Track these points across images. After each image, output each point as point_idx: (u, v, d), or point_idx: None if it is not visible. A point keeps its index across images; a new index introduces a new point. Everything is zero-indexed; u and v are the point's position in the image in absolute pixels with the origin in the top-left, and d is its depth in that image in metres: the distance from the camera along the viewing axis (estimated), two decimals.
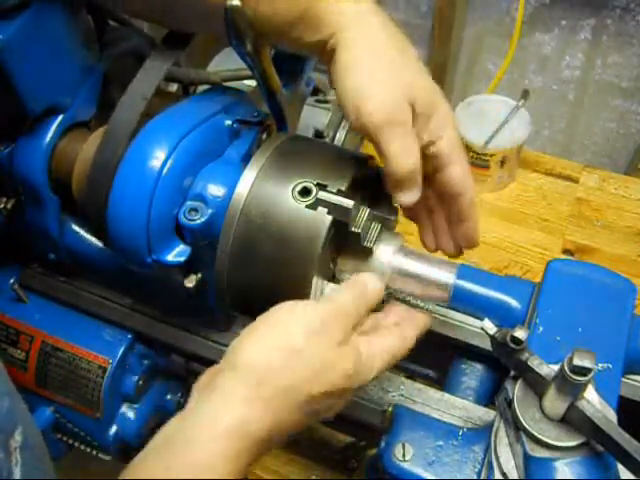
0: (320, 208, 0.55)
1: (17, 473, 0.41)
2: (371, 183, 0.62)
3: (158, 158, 0.58)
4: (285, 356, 0.46)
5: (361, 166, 0.60)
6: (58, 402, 0.78)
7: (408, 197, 0.55)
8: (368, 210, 0.58)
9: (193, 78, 0.76)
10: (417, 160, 0.53)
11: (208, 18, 0.60)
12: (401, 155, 0.52)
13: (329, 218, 0.54)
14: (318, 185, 0.56)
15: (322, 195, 0.55)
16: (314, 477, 0.93)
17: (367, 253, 0.59)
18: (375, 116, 0.51)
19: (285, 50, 0.65)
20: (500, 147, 1.12)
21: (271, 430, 0.45)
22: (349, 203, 0.54)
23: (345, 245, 0.60)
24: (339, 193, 0.55)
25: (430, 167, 0.57)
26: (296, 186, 0.56)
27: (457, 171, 0.56)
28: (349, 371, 0.48)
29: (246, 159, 0.62)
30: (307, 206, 0.55)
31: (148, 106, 0.62)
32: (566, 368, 0.47)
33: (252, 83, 0.74)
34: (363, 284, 0.54)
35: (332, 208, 0.54)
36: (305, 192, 0.55)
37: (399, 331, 0.55)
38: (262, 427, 0.45)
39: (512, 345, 0.50)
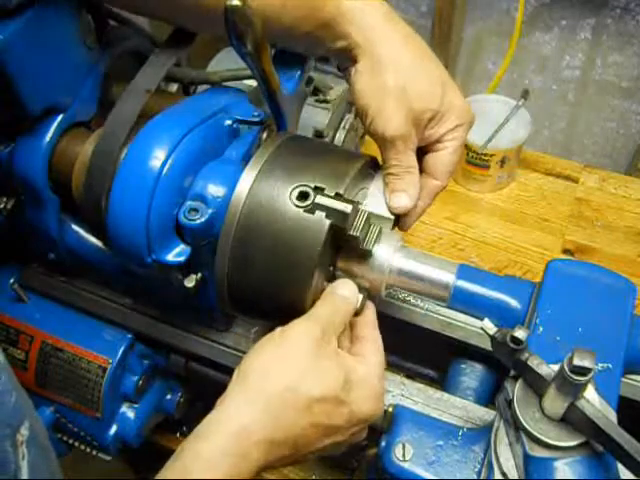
0: (315, 222, 0.55)
1: (24, 467, 0.42)
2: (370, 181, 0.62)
3: (158, 158, 0.58)
4: (279, 365, 0.51)
5: (361, 166, 0.60)
6: (58, 402, 0.78)
7: (397, 201, 0.61)
8: (367, 212, 0.57)
9: (193, 78, 0.76)
10: (409, 172, 0.61)
11: (208, 19, 0.60)
12: (393, 163, 0.61)
13: (327, 222, 0.54)
14: (316, 189, 0.56)
15: (319, 199, 0.55)
16: (314, 477, 0.93)
17: (367, 254, 0.59)
18: (384, 133, 0.60)
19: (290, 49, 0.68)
20: (500, 147, 1.12)
21: (273, 432, 0.48)
22: (347, 207, 0.54)
23: (345, 245, 0.60)
24: (337, 197, 0.55)
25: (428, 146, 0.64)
26: (294, 190, 0.56)
27: (449, 157, 0.63)
28: (339, 377, 0.52)
29: (246, 159, 0.62)
30: (305, 210, 0.55)
31: (147, 106, 0.62)
32: (566, 368, 0.47)
33: (252, 83, 0.74)
34: (336, 296, 0.57)
35: (330, 212, 0.54)
36: (303, 196, 0.55)
37: (370, 342, 0.58)
38: (263, 428, 0.48)
39: (512, 345, 0.50)
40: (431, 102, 0.60)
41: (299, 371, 0.50)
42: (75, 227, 0.73)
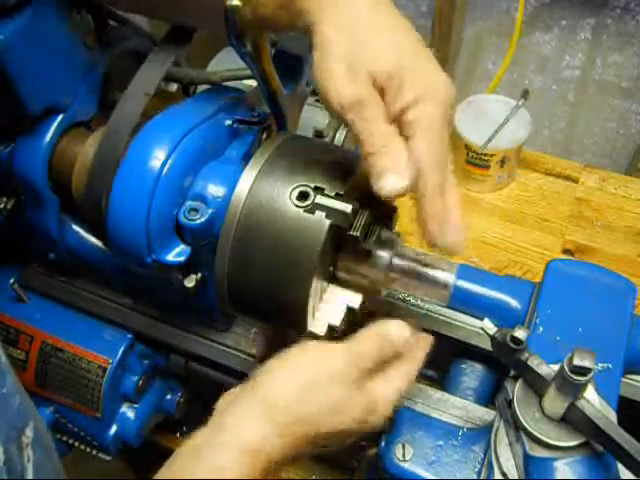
0: (315, 222, 0.54)
1: (29, 469, 0.42)
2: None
3: (158, 158, 0.58)
4: (303, 391, 0.49)
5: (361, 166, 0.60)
6: (58, 402, 0.78)
7: (384, 184, 0.49)
8: (367, 212, 0.57)
9: (193, 78, 0.76)
10: (383, 140, 0.49)
11: (209, 13, 0.60)
12: (365, 137, 0.49)
13: (327, 222, 0.54)
14: (316, 189, 0.56)
15: (319, 199, 0.55)
16: (314, 477, 0.93)
17: (367, 254, 0.59)
18: (334, 103, 0.50)
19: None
20: (500, 147, 1.12)
21: (284, 454, 0.48)
22: (347, 208, 0.54)
23: (345, 245, 0.60)
24: (337, 197, 0.55)
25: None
26: (294, 190, 0.56)
27: (419, 144, 0.49)
28: (360, 416, 0.51)
29: (246, 159, 0.62)
30: (305, 210, 0.55)
31: (147, 106, 0.62)
32: (566, 368, 0.47)
33: (252, 83, 0.74)
34: (387, 334, 0.53)
35: (330, 212, 0.54)
36: (303, 196, 0.55)
37: (404, 370, 0.55)
38: (277, 449, 0.47)
39: (512, 345, 0.50)
40: (385, 63, 0.49)
41: (321, 403, 0.49)
42: (75, 227, 0.73)
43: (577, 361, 0.46)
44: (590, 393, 0.51)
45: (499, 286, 0.61)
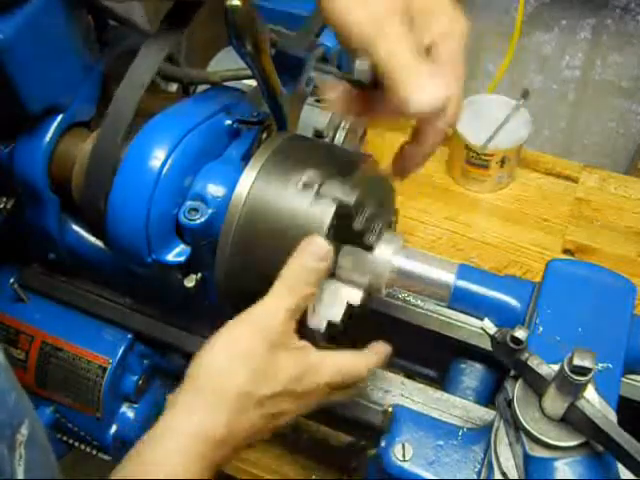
0: (320, 210, 0.55)
1: (20, 469, 0.41)
2: (373, 184, 0.62)
3: (158, 158, 0.58)
4: (231, 362, 0.49)
5: (362, 166, 0.60)
6: (58, 402, 0.78)
7: (420, 96, 0.46)
8: (370, 207, 0.58)
9: (193, 78, 0.76)
10: (418, 65, 0.47)
11: None
12: (395, 53, 0.46)
13: (327, 222, 0.54)
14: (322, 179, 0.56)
15: (325, 189, 0.55)
16: (314, 477, 0.93)
17: (367, 252, 0.59)
18: (361, 32, 0.47)
19: None
20: (500, 147, 1.12)
21: (227, 432, 0.48)
22: (351, 198, 0.54)
23: (346, 244, 0.60)
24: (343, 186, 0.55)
25: None
26: (294, 190, 0.56)
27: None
28: (292, 372, 0.51)
29: (246, 159, 0.62)
30: (305, 210, 0.55)
31: (147, 106, 0.62)
32: (566, 368, 0.47)
33: (252, 83, 0.74)
34: (301, 265, 0.53)
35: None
36: (308, 186, 0.55)
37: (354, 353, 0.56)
38: (218, 429, 0.47)
39: (512, 345, 0.50)
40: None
41: (252, 371, 0.49)
42: (75, 227, 0.73)
43: (577, 361, 0.46)
44: (590, 393, 0.51)
45: (499, 286, 0.61)
